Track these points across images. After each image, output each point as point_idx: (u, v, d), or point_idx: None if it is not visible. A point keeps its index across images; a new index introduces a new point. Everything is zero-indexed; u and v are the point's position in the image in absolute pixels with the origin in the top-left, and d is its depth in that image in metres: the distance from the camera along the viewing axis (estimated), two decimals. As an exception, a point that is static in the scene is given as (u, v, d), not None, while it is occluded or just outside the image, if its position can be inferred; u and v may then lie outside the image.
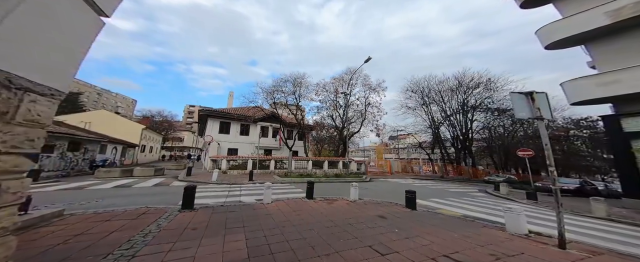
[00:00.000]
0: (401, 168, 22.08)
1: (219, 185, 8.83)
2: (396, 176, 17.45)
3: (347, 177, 12.81)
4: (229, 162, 13.66)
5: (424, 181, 15.07)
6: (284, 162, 15.41)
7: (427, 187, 11.36)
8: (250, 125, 18.52)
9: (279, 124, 18.83)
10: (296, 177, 11.60)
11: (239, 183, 9.34)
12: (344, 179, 12.17)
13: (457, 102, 20.15)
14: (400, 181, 14.22)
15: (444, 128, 21.14)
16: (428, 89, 20.90)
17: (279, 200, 5.62)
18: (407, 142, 40.96)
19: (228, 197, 6.16)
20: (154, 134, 28.81)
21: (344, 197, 6.19)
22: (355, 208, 4.97)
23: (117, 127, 20.17)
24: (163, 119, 38.85)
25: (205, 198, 5.85)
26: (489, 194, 9.86)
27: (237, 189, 7.74)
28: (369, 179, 12.81)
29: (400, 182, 13.18)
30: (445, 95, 20.39)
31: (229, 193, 6.87)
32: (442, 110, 20.64)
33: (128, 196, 5.66)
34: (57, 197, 5.35)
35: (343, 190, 8.38)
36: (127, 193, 6.17)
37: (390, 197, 6.86)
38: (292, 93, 17.84)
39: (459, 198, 8.08)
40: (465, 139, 19.82)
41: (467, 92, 19.46)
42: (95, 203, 4.82)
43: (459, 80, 19.58)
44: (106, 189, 6.62)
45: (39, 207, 3.78)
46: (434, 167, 21.65)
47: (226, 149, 17.20)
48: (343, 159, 17.09)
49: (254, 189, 7.88)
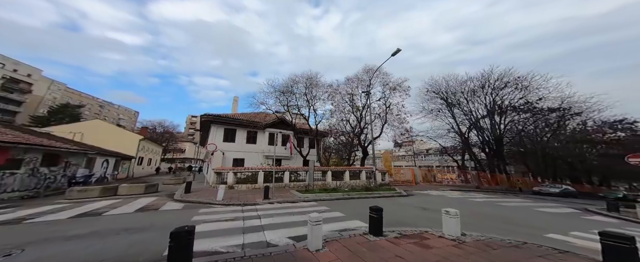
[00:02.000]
0: (421, 177, 19.65)
1: (227, 206, 6.76)
2: (424, 187, 15.08)
3: (379, 190, 10.53)
4: (235, 175, 11.52)
5: (466, 192, 12.66)
6: (299, 173, 13.24)
7: (496, 204, 8.58)
8: (257, 132, 16.65)
9: (289, 131, 16.98)
10: (320, 192, 9.41)
11: (252, 202, 7.23)
12: (377, 193, 9.91)
13: (483, 103, 18.31)
14: (437, 192, 11.90)
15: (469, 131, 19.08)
16: (449, 90, 19.18)
17: (330, 239, 3.52)
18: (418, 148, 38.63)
19: (245, 232, 4.05)
20: (154, 145, 26.96)
21: (428, 231, 4.03)
22: (483, 259, 2.83)
23: (112, 138, 18.39)
24: (164, 130, 37.29)
25: (210, 236, 3.81)
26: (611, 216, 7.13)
27: (253, 214, 5.65)
28: (407, 194, 10.51)
29: (444, 195, 10.86)
30: (469, 96, 18.62)
31: (245, 222, 4.77)
32: (469, 113, 18.72)
33: (80, 238, 3.51)
34: None
35: (394, 211, 6.22)
36: (86, 229, 3.99)
37: (477, 223, 4.91)
38: (303, 95, 16.20)
39: (585, 227, 5.33)
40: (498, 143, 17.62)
41: (493, 93, 17.68)
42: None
43: (484, 80, 17.87)
44: (56, 224, 4.43)
45: None
46: (465, 176, 19.12)
47: (231, 159, 15.16)
48: (365, 168, 14.88)
49: (275, 213, 5.77)
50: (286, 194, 9.40)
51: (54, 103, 32.20)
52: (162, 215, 5.45)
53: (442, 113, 19.57)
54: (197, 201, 7.35)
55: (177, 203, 7.01)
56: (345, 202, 7.96)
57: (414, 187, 15.06)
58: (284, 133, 18.21)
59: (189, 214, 5.52)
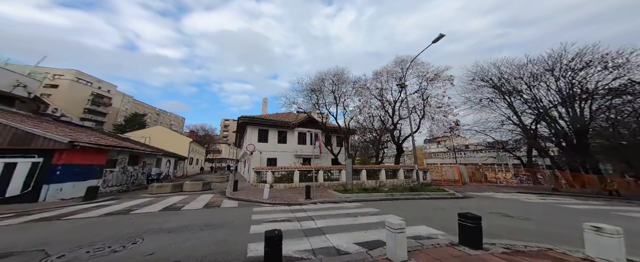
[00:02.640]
0: (468, 176, 17.04)
1: (276, 205, 6.91)
2: (476, 188, 12.96)
3: (426, 191, 9.44)
4: (273, 174, 12.04)
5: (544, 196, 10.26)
6: (332, 172, 13.06)
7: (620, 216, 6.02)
8: (287, 132, 17.08)
9: (317, 129, 16.90)
10: (359, 192, 8.97)
11: (295, 201, 7.27)
12: (425, 194, 8.91)
13: (555, 88, 14.47)
14: (503, 195, 9.97)
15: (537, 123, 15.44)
16: (503, 77, 15.83)
17: (411, 249, 3.08)
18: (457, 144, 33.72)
19: (307, 235, 3.94)
20: (199, 147, 30.89)
21: (552, 248, 3.14)
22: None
23: (169, 141, 21.72)
24: (205, 133, 42.39)
25: None
26: None
27: (303, 214, 5.56)
28: (462, 196, 9.13)
29: (517, 199, 9.01)
30: (531, 81, 15.00)
31: (301, 224, 4.71)
32: (533, 101, 15.17)
33: (177, 231, 4.04)
34: (87, 232, 4.03)
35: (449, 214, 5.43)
36: (176, 223, 4.62)
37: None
38: (331, 92, 15.79)
39: None
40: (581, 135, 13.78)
41: (570, 75, 13.76)
42: (129, 248, 3.17)
43: (553, 61, 14.06)
44: (153, 216, 5.30)
45: None
46: (534, 176, 15.76)
47: (265, 159, 15.96)
48: (403, 167, 13.73)
49: (325, 214, 5.58)
50: (324, 193, 9.26)
51: (126, 113, 40.00)
52: (226, 212, 5.85)
53: (494, 103, 16.39)
54: (246, 199, 7.78)
55: (232, 201, 7.54)
56: (392, 203, 7.35)
57: (463, 187, 13.16)
58: (312, 132, 18.28)
59: (246, 212, 5.80)
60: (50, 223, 4.56)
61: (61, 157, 7.34)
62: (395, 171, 13.68)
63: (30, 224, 4.50)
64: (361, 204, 7.22)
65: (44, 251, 2.98)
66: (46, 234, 3.76)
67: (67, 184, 7.52)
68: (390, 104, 16.00)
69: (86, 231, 3.97)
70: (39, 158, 7.01)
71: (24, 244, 3.26)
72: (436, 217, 5.25)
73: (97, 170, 8.93)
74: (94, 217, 5.04)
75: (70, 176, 7.65)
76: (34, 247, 3.12)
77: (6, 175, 6.57)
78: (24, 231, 3.98)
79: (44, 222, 4.65)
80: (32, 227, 4.28)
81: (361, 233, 4.00)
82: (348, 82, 16.09)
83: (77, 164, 7.92)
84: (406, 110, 15.51)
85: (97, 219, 4.96)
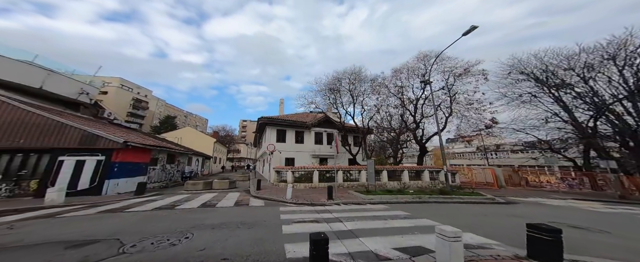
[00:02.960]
0: (504, 179, 15.24)
1: (300, 205, 7.01)
2: (515, 192, 11.54)
3: (459, 194, 8.70)
4: (293, 174, 12.30)
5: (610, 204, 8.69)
6: (351, 172, 12.85)
7: None
8: (304, 132, 17.29)
9: (334, 129, 16.76)
10: (383, 193, 8.66)
11: (318, 202, 7.30)
12: (458, 197, 8.23)
13: (618, 80, 12.08)
14: (556, 201, 8.69)
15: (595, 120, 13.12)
16: (548, 69, 13.74)
17: (469, 260, 2.83)
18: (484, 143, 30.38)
19: (340, 238, 3.90)
20: (221, 146, 33.12)
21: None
22: None
23: (197, 141, 23.68)
24: (226, 133, 45.25)
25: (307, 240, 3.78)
26: None
27: (329, 215, 5.53)
28: (504, 201, 8.21)
29: (576, 207, 7.78)
30: (586, 72, 12.73)
31: (330, 226, 4.68)
32: (589, 94, 12.90)
33: (218, 228, 4.31)
34: (146, 225, 4.53)
35: (516, 226, 4.84)
36: (215, 220, 4.96)
37: None
38: (348, 91, 15.50)
39: None
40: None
41: (635, 65, 11.34)
42: (184, 242, 3.47)
43: (615, 48, 11.71)
44: (194, 212, 5.78)
45: None
46: (593, 180, 13.47)
47: (283, 158, 16.38)
48: (428, 168, 12.89)
49: (352, 216, 5.47)
50: (345, 194, 9.15)
51: (160, 116, 44.66)
52: (255, 211, 6.09)
53: (537, 98, 14.35)
54: (271, 198, 8.00)
55: (258, 200, 7.85)
56: (422, 207, 6.94)
57: (499, 191, 11.85)
58: (328, 132, 18.24)
59: (274, 212, 5.97)
60: (116, 214, 5.27)
61: (118, 156, 8.46)
62: (419, 172, 12.94)
63: (102, 214, 5.27)
64: (387, 206, 6.95)
65: (118, 239, 3.45)
66: (116, 225, 4.35)
67: (122, 180, 8.65)
68: (412, 102, 15.12)
69: (146, 223, 4.49)
70: (102, 156, 8.18)
71: (102, 233, 3.82)
72: (481, 224, 4.82)
73: (143, 167, 10.11)
74: (148, 211, 5.69)
75: (124, 173, 8.79)
76: (110, 236, 3.63)
77: (77, 171, 7.81)
78: (99, 221, 4.67)
79: (111, 213, 5.40)
80: (104, 217, 5.00)
81: (397, 238, 3.84)
82: (365, 80, 15.63)
83: (129, 162, 9.06)
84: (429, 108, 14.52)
85: (151, 212, 5.58)
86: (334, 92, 15.35)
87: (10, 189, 7.29)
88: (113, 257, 2.82)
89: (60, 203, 6.31)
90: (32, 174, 7.59)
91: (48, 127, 7.99)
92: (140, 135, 14.07)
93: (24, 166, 7.63)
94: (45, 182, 7.35)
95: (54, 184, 7.27)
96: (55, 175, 7.48)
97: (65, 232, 3.88)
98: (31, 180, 7.49)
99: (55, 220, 4.79)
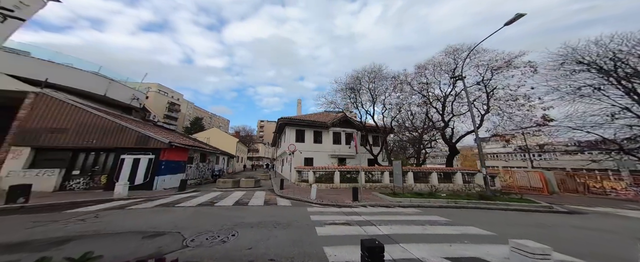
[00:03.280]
0: (556, 184, 13.08)
1: (325, 206, 7.00)
2: (575, 200, 9.82)
3: (502, 200, 7.75)
4: (314, 174, 12.43)
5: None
6: (372, 173, 12.48)
7: None
8: (322, 132, 17.30)
9: (352, 129, 16.44)
10: (412, 196, 8.18)
11: (344, 203, 7.21)
12: (503, 204, 7.35)
13: None
14: (631, 213, 7.19)
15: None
16: (617, 57, 11.23)
17: None
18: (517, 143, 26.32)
19: (389, 248, 3.69)
20: (243, 146, 35.23)
21: None
22: None
23: (222, 141, 25.57)
24: (246, 134, 47.95)
25: (343, 243, 3.66)
26: None
27: (359, 218, 5.41)
28: (567, 211, 7.09)
29: None
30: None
31: (363, 229, 4.56)
32: None
33: (257, 227, 4.47)
34: (196, 220, 4.96)
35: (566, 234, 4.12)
36: (252, 218, 5.17)
37: None
38: (368, 90, 14.99)
39: None
40: None
41: None
42: (231, 240, 3.70)
43: None
44: (231, 209, 6.15)
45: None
46: None
47: (302, 158, 16.64)
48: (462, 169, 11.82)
49: (384, 219, 5.26)
50: (369, 195, 8.93)
51: (190, 117, 49.35)
52: (284, 211, 6.18)
53: (600, 91, 11.90)
54: (296, 198, 8.11)
55: (284, 199, 8.04)
56: (461, 212, 6.39)
57: (552, 198, 10.29)
58: (347, 131, 17.97)
59: (302, 212, 6.01)
60: (169, 209, 5.94)
61: (164, 155, 9.57)
62: (448, 174, 11.97)
63: (158, 208, 6.00)
64: (419, 210, 6.56)
65: (179, 233, 3.86)
66: (172, 219, 4.89)
67: (167, 176, 9.77)
68: (439, 100, 13.94)
69: (195, 219, 4.94)
70: (152, 155, 9.34)
71: (165, 226, 4.32)
72: (547, 238, 4.19)
73: (182, 165, 11.27)
74: (193, 207, 6.27)
75: (169, 170, 9.91)
76: (172, 229, 4.08)
77: (134, 168, 9.05)
78: (158, 214, 5.31)
79: (164, 207, 6.11)
80: (160, 211, 5.67)
81: (444, 246, 3.57)
82: (386, 78, 14.94)
83: (172, 161, 10.18)
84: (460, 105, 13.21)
85: (195, 208, 6.14)
86: (354, 91, 15.02)
87: (87, 182, 8.83)
88: (180, 250, 3.15)
89: (125, 196, 7.40)
90: (102, 170, 9.06)
91: (112, 129, 9.41)
92: (178, 135, 15.71)
93: (96, 162, 9.15)
94: (111, 177, 8.72)
95: (118, 179, 8.57)
96: (118, 171, 8.81)
97: (137, 223, 4.49)
98: (101, 175, 8.95)
99: (125, 211, 5.60)
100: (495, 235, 4.23)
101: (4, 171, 7.98)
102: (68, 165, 8.75)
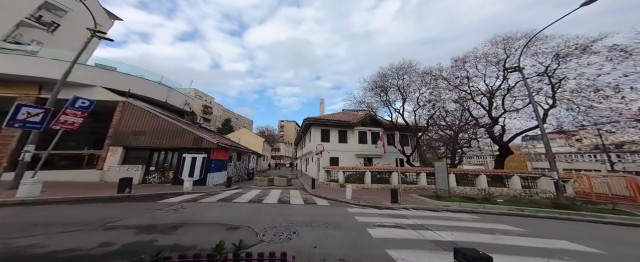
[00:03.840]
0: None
1: (364, 207, 6.87)
2: None
3: (584, 210, 6.52)
4: (344, 174, 12.46)
5: None
6: (406, 174, 11.90)
7: None
8: (347, 131, 17.15)
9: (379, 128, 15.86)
10: (462, 201, 7.54)
11: (383, 205, 7.02)
12: (590, 215, 6.18)
13: None
14: None
15: None
16: None
17: None
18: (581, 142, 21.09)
19: (445, 249, 3.52)
20: (267, 145, 37.45)
21: None
22: None
23: (250, 141, 27.65)
24: (269, 134, 50.70)
25: (411, 246, 3.56)
26: None
27: (405, 221, 5.20)
28: None
29: None
30: None
31: (420, 233, 4.33)
32: None
33: (311, 226, 4.51)
34: (256, 216, 5.24)
35: None
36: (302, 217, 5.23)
37: None
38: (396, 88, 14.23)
39: None
40: None
41: None
42: (295, 238, 3.85)
43: None
44: (277, 207, 6.21)
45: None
46: None
47: (328, 158, 16.79)
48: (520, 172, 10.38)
49: (439, 224, 4.94)
50: (406, 197, 8.58)
51: (221, 119, 54.56)
52: (327, 211, 6.14)
53: None
54: (332, 198, 8.12)
55: (321, 199, 8.06)
56: (532, 222, 5.59)
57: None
58: (373, 131, 17.45)
59: (344, 212, 5.94)
60: (228, 204, 6.57)
61: (213, 154, 10.87)
62: (500, 177, 10.65)
63: (220, 203, 6.75)
64: (477, 217, 6.02)
65: (250, 227, 4.30)
66: (236, 213, 5.38)
67: (215, 174, 11.09)
68: (485, 95, 12.36)
69: (254, 215, 5.31)
70: (205, 154, 10.70)
71: (235, 220, 4.79)
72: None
73: (225, 164, 12.60)
74: (246, 203, 6.77)
75: (217, 168, 11.22)
76: (242, 223, 4.51)
77: (192, 165, 10.52)
78: (224, 209, 5.95)
79: (224, 202, 6.79)
80: (224, 206, 6.28)
81: (522, 259, 3.20)
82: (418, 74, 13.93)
83: (218, 159, 11.48)
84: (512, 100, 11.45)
85: (249, 205, 6.60)
86: (383, 89, 14.46)
87: (159, 177, 10.67)
88: (258, 245, 3.45)
89: (190, 190, 8.69)
90: (170, 166, 10.81)
91: (175, 131, 11.11)
92: (219, 136, 17.61)
93: (165, 160, 10.95)
94: (176, 173, 10.32)
95: (181, 174, 10.10)
96: (181, 168, 10.38)
97: (214, 215, 5.07)
98: (170, 171, 10.69)
99: (198, 204, 6.41)
100: (606, 254, 3.61)
101: (106, 165, 10.23)
102: (147, 162, 10.70)
